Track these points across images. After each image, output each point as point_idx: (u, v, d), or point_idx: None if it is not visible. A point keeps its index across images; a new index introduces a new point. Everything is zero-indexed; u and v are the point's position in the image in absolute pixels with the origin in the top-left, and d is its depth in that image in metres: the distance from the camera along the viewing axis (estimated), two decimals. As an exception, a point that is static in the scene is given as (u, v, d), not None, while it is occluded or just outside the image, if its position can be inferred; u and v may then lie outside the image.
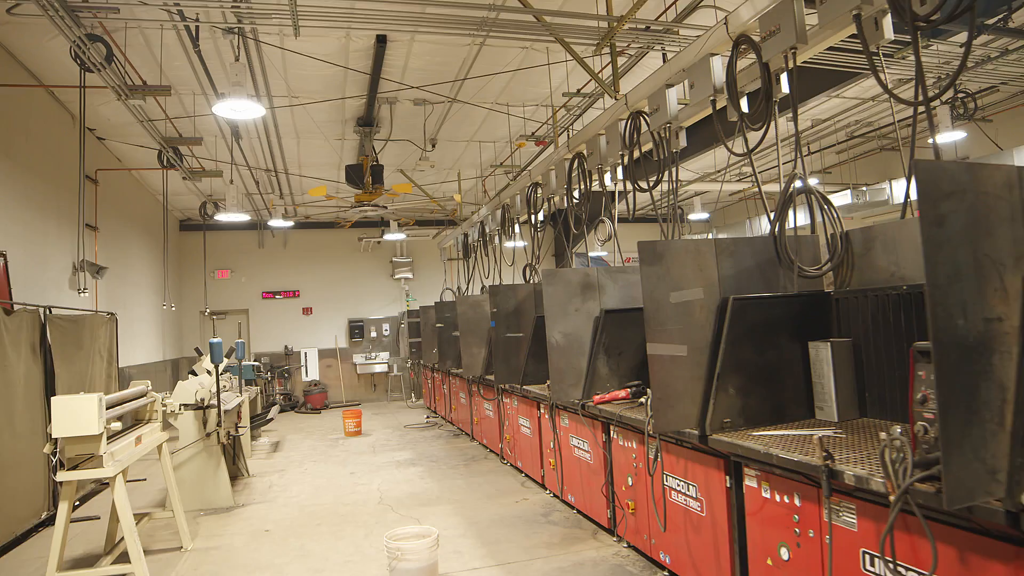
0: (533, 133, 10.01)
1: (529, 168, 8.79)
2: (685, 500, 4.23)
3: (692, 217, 16.15)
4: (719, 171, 13.13)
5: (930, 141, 3.37)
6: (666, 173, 5.89)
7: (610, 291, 5.49)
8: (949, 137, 10.17)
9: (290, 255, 16.80)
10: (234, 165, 10.52)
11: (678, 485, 4.28)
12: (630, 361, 5.42)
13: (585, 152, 7.04)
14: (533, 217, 8.68)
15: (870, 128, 12.46)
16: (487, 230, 11.04)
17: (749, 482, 3.62)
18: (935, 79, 9.16)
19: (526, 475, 7.67)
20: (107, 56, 6.58)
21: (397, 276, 17.09)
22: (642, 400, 4.96)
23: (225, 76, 7.66)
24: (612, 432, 5.20)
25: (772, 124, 4.51)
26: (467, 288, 12.17)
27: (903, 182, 12.60)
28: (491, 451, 9.20)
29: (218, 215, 9.58)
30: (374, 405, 15.97)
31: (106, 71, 6.62)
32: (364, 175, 9.81)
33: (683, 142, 5.90)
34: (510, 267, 10.37)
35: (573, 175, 7.35)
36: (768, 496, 3.47)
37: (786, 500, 3.35)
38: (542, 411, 6.82)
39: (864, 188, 12.68)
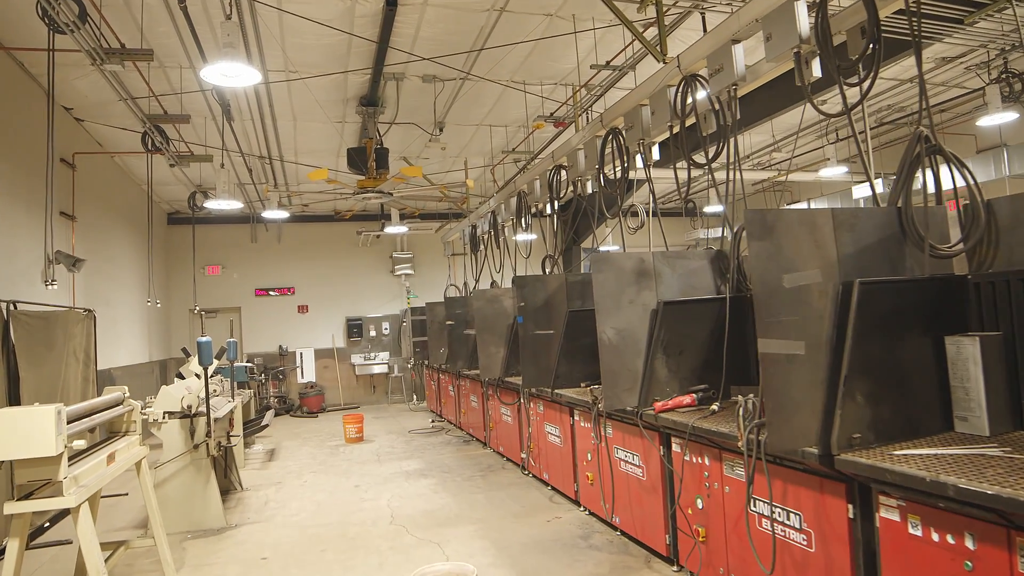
0: (552, 113, 9.21)
1: (552, 150, 8.01)
2: (784, 531, 3.45)
3: (708, 210, 15.40)
4: (749, 155, 12.40)
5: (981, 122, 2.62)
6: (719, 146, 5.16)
7: (667, 279, 4.70)
8: (999, 119, 9.45)
9: (285, 250, 15.94)
10: (225, 151, 9.68)
11: (773, 513, 3.50)
12: (691, 361, 4.63)
13: (623, 126, 6.27)
14: (555, 203, 7.91)
15: (901, 114, 11.74)
16: (499, 220, 10.26)
17: (887, 514, 2.84)
18: (998, 51, 8.45)
19: (553, 488, 6.87)
20: (80, 14, 5.75)
21: (398, 272, 16.26)
22: (714, 407, 4.20)
23: (215, 41, 6.86)
24: (675, 445, 4.42)
25: (874, 76, 3.79)
26: (475, 284, 11.37)
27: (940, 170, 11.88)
28: (509, 460, 8.40)
29: (208, 203, 8.77)
30: (374, 408, 15.13)
31: (79, 32, 5.79)
32: (368, 159, 8.99)
33: (736, 113, 5.18)
34: (526, 259, 9.58)
35: (607, 153, 6.59)
36: (919, 534, 2.70)
37: (950, 540, 2.57)
38: (576, 418, 6.03)
39: (894, 178, 11.94)
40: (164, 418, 5.86)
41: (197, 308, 14.13)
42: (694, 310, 4.65)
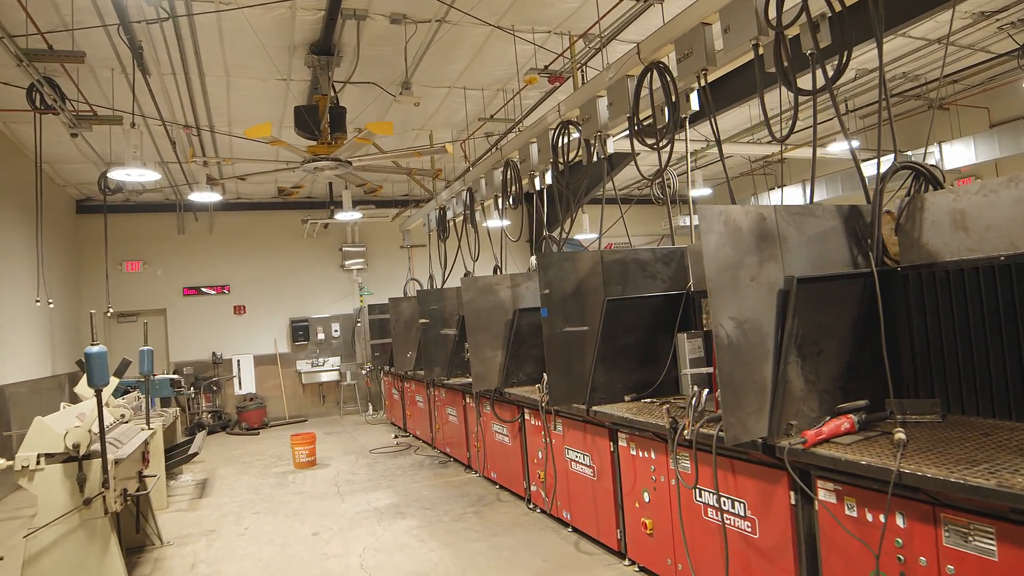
0: (547, 66, 7.65)
1: (559, 102, 6.47)
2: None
3: (694, 193, 14.12)
4: (755, 125, 11.14)
5: None
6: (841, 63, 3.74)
7: (795, 246, 3.21)
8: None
9: (218, 242, 13.90)
10: (142, 116, 7.79)
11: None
12: (832, 365, 3.16)
13: (672, 59, 4.78)
14: (560, 168, 6.38)
15: (915, 84, 10.68)
16: (479, 199, 8.67)
17: None
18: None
19: (577, 531, 5.31)
20: None
21: (348, 266, 14.42)
22: (899, 435, 2.71)
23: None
24: (823, 493, 2.92)
25: None
26: (446, 276, 9.72)
27: (955, 145, 10.87)
28: (504, 489, 6.80)
29: (114, 172, 6.88)
30: (324, 421, 13.28)
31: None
32: (321, 119, 7.26)
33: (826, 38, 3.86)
34: (514, 241, 8.02)
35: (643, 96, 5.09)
36: None
37: None
38: (622, 443, 4.49)
39: (910, 153, 10.89)
40: (39, 464, 4.05)
41: (110, 310, 12.00)
42: (833, 291, 3.17)
